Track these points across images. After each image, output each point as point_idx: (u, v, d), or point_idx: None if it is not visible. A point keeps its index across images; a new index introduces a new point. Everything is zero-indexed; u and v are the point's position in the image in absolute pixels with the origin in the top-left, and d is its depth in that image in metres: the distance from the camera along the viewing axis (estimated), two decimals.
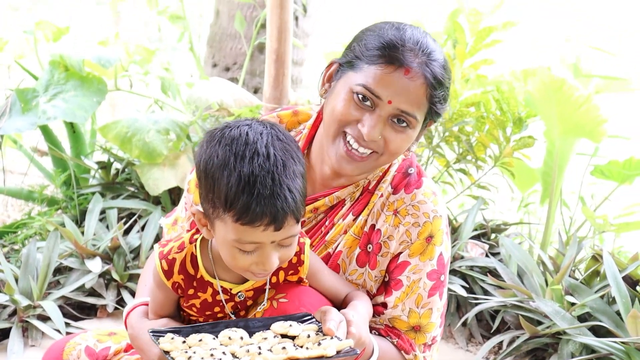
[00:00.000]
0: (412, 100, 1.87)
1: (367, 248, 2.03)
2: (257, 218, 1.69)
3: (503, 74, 3.61)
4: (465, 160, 3.72)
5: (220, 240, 1.78)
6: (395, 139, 1.90)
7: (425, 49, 1.89)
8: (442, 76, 1.90)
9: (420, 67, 1.86)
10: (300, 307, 1.84)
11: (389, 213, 2.02)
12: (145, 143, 3.64)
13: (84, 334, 2.15)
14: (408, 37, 1.88)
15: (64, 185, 3.96)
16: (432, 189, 2.04)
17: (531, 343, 3.04)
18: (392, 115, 1.88)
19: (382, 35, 1.89)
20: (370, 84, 1.86)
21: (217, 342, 1.72)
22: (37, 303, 3.13)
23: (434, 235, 2.00)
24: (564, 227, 3.68)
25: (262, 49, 4.44)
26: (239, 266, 1.79)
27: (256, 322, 1.79)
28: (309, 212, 2.05)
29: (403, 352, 2.00)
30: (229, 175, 1.70)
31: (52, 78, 3.79)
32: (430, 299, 2.00)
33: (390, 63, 1.86)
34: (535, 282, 3.18)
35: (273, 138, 1.76)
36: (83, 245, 3.36)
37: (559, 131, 3.42)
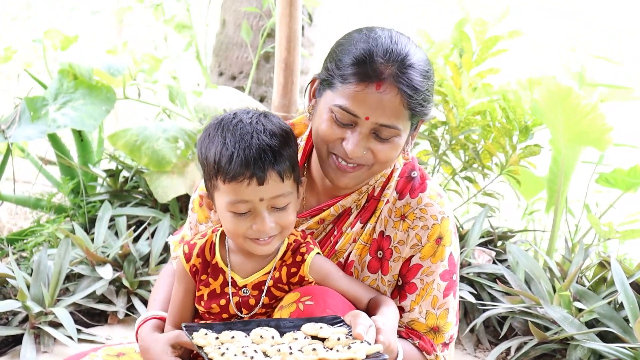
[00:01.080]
0: (389, 113, 1.87)
1: (378, 254, 2.06)
2: (239, 173, 1.84)
3: (509, 82, 3.66)
4: (471, 168, 3.76)
5: (220, 210, 1.92)
6: (383, 149, 1.92)
7: (396, 56, 1.87)
8: (418, 81, 1.88)
9: (391, 78, 1.85)
10: (326, 309, 1.88)
11: (396, 219, 2.05)
12: (154, 151, 3.69)
13: (94, 353, 2.18)
14: (377, 47, 1.87)
15: (72, 193, 4.00)
16: (436, 191, 2.07)
17: (539, 349, 3.07)
18: (373, 129, 1.89)
19: (351, 51, 1.88)
20: (345, 104, 1.87)
21: (248, 340, 1.76)
22: (48, 310, 3.16)
23: (443, 237, 2.03)
24: (569, 234, 3.72)
25: (268, 58, 4.49)
26: (238, 232, 1.90)
27: (287, 322, 1.84)
28: (315, 223, 2.09)
29: (425, 353, 2.04)
30: (217, 143, 1.87)
31: (61, 86, 3.83)
32: (445, 299, 2.05)
33: (361, 80, 1.85)
34: (542, 288, 3.22)
35: (260, 115, 1.94)
36: (93, 252, 3.39)
37: (565, 139, 3.47)
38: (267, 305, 2.00)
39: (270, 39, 4.33)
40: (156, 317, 2.14)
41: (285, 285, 1.98)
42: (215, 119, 1.95)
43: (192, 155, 3.82)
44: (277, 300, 1.99)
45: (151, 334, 2.08)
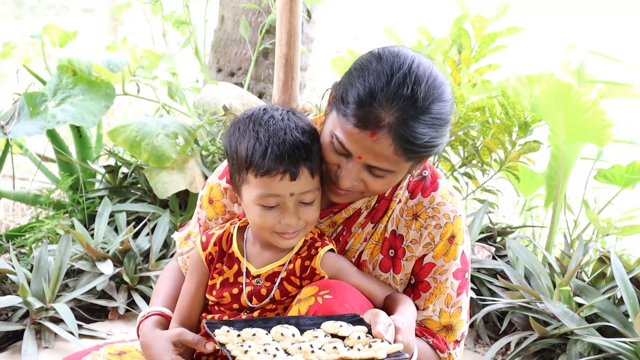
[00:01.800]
0: (381, 159, 1.83)
1: (389, 253, 2.06)
2: (273, 167, 1.86)
3: (508, 78, 3.68)
4: (470, 165, 3.77)
5: (248, 203, 1.95)
6: (375, 183, 1.90)
7: (402, 103, 1.77)
8: (420, 132, 1.78)
9: (387, 128, 1.77)
10: (344, 304, 1.88)
11: (408, 218, 2.05)
12: (154, 147, 3.68)
13: (96, 351, 2.18)
14: (384, 88, 1.78)
15: (71, 190, 4.00)
16: (448, 190, 2.08)
17: (539, 344, 3.08)
18: (366, 165, 1.87)
19: (358, 86, 1.80)
20: (341, 138, 1.85)
21: (269, 337, 1.77)
22: (49, 305, 3.16)
23: (455, 235, 2.04)
24: (568, 230, 3.74)
25: (267, 54, 4.49)
26: (265, 226, 1.93)
27: (307, 320, 1.84)
28: (327, 226, 2.09)
29: (438, 351, 2.04)
30: (249, 137, 1.90)
31: (60, 82, 3.82)
32: (458, 298, 2.06)
33: (357, 123, 1.79)
34: (542, 283, 3.24)
35: (289, 112, 1.97)
36: (93, 247, 3.39)
37: (564, 135, 3.49)
38: (277, 301, 2.01)
39: (269, 36, 4.34)
40: (158, 314, 2.14)
41: (297, 278, 1.99)
42: (243, 114, 1.97)
43: (192, 151, 3.82)
44: (287, 297, 2.00)
45: (153, 331, 2.08)
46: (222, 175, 2.17)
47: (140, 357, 2.27)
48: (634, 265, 3.17)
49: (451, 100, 1.88)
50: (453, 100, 1.90)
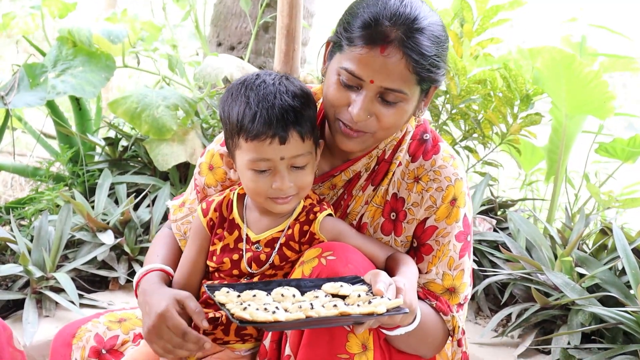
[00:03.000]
0: (394, 77, 1.85)
1: (391, 216, 2.06)
2: (262, 131, 1.87)
3: (510, 51, 3.65)
4: (471, 138, 3.76)
5: (241, 168, 1.95)
6: (387, 114, 1.90)
7: (403, 20, 1.84)
8: (425, 46, 1.85)
9: (397, 41, 1.82)
10: (348, 264, 1.88)
11: (410, 181, 2.05)
12: (154, 119, 3.66)
13: (96, 319, 2.18)
14: (385, 10, 1.84)
15: (70, 162, 3.97)
16: (449, 153, 2.07)
17: (540, 315, 3.08)
18: (378, 93, 1.88)
19: (359, 14, 1.86)
20: (350, 67, 1.85)
21: (270, 298, 1.77)
22: (50, 275, 3.14)
23: (457, 198, 2.03)
24: (569, 203, 3.73)
25: (267, 28, 4.47)
26: (259, 191, 1.93)
27: (307, 282, 1.84)
28: (327, 189, 2.09)
29: (442, 314, 2.03)
30: (240, 102, 1.91)
31: (60, 54, 3.79)
32: (461, 260, 2.05)
33: (367, 43, 1.83)
34: (544, 255, 3.23)
35: (282, 77, 1.96)
36: (94, 218, 3.37)
37: (566, 108, 3.47)
38: (276, 267, 2.00)
39: (269, 9, 4.31)
40: (161, 270, 2.10)
41: (296, 243, 1.99)
42: (237, 80, 1.98)
43: (192, 124, 3.80)
44: (287, 262, 1.99)
45: (158, 284, 2.03)
46: (223, 143, 2.16)
47: (140, 324, 2.27)
48: (636, 236, 3.16)
49: (444, 26, 1.94)
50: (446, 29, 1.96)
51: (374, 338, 1.90)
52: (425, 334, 1.99)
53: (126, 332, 2.19)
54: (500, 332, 3.12)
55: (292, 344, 1.91)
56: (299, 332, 1.90)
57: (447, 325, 2.05)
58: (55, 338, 2.19)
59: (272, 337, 1.98)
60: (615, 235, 3.04)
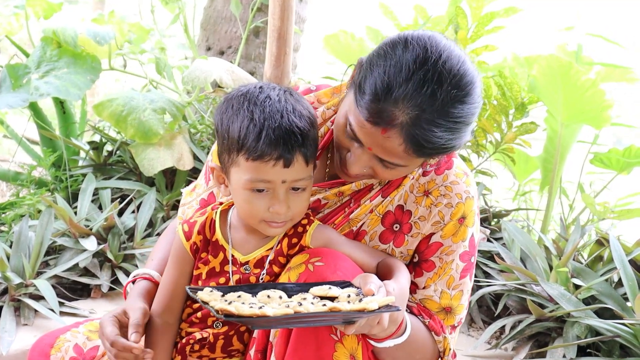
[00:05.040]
0: (392, 155, 1.75)
1: (394, 227, 1.98)
2: (266, 152, 1.74)
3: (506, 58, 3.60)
4: (464, 146, 3.70)
5: (236, 187, 1.83)
6: (384, 173, 1.83)
7: (417, 104, 1.65)
8: (434, 137, 1.66)
9: (401, 127, 1.67)
10: (336, 271, 1.80)
11: (419, 194, 1.97)
12: (141, 122, 3.57)
13: (76, 329, 2.11)
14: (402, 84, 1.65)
15: (53, 167, 3.88)
16: (463, 169, 1.99)
17: (535, 327, 3.02)
18: (377, 156, 1.79)
19: (377, 76, 1.69)
20: (354, 127, 1.76)
21: (255, 299, 1.68)
22: (29, 282, 3.05)
23: (466, 217, 1.96)
24: (563, 214, 3.68)
25: (258, 32, 4.40)
26: (253, 213, 1.82)
27: (294, 287, 1.75)
28: (333, 195, 2.00)
29: (434, 334, 1.96)
30: (243, 117, 1.78)
31: (44, 54, 3.71)
32: (461, 281, 1.98)
33: (370, 117, 1.69)
34: (539, 266, 3.17)
35: (286, 93, 1.84)
36: (77, 223, 3.28)
37: (562, 117, 3.42)
38: None
39: (260, 14, 4.25)
40: (146, 277, 2.02)
41: (285, 257, 1.90)
42: (237, 91, 1.85)
43: (180, 128, 3.72)
44: (276, 278, 1.90)
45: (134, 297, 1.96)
46: None
47: None
48: (633, 247, 3.11)
49: (477, 101, 1.74)
50: (481, 100, 1.77)
51: (362, 349, 1.82)
52: (414, 350, 1.91)
53: None
54: (494, 345, 3.06)
55: (278, 354, 1.83)
56: (285, 341, 1.82)
57: (438, 345, 1.98)
58: (32, 348, 2.10)
59: (257, 347, 1.90)
60: (612, 246, 2.99)
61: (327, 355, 1.77)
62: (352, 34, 4.12)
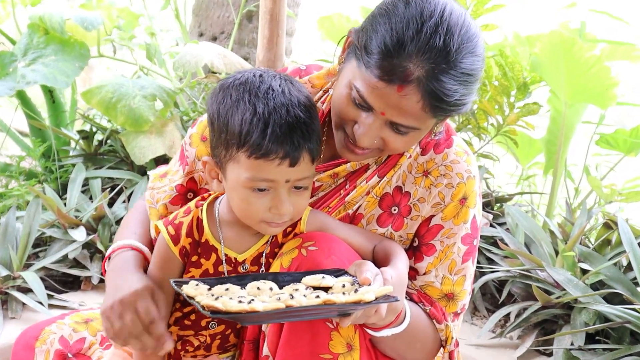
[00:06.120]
0: (407, 115, 1.64)
1: (392, 210, 1.89)
2: (272, 150, 1.62)
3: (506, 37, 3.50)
4: (466, 129, 3.60)
5: (233, 184, 1.69)
6: (396, 140, 1.72)
7: (433, 55, 1.59)
8: (451, 89, 1.61)
9: (417, 81, 1.59)
10: (331, 255, 1.71)
11: (418, 175, 1.88)
12: (131, 109, 3.48)
13: (62, 320, 2.04)
14: (414, 37, 1.58)
15: (43, 158, 3.79)
16: (463, 148, 1.91)
17: (541, 314, 2.93)
18: (388, 121, 1.69)
19: (383, 34, 1.61)
20: (362, 91, 1.66)
21: (244, 292, 1.58)
22: (17, 274, 2.97)
23: (467, 197, 1.87)
24: (568, 198, 3.58)
25: (251, 17, 4.31)
26: (253, 213, 1.69)
27: (285, 276, 1.66)
28: (328, 177, 1.91)
29: (435, 322, 1.87)
30: (244, 110, 1.64)
31: (31, 42, 3.62)
32: (463, 265, 1.89)
33: (383, 76, 1.61)
34: (544, 251, 3.08)
35: (286, 81, 1.72)
36: (65, 214, 3.19)
37: (566, 96, 3.32)
38: None
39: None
40: (137, 249, 1.87)
41: (279, 247, 1.80)
42: (233, 79, 1.71)
43: (172, 115, 3.63)
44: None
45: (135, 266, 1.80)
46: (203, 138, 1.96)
47: None
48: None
49: (483, 54, 1.69)
50: (485, 54, 1.71)
51: (359, 337, 1.74)
52: (414, 340, 1.83)
53: (93, 334, 2.04)
54: (499, 333, 2.97)
55: (271, 343, 1.75)
56: (278, 331, 1.74)
57: (440, 334, 1.89)
58: (17, 341, 2.05)
59: (248, 337, 1.81)
60: (621, 229, 2.89)
61: (323, 344, 1.70)
62: (347, 17, 4.02)
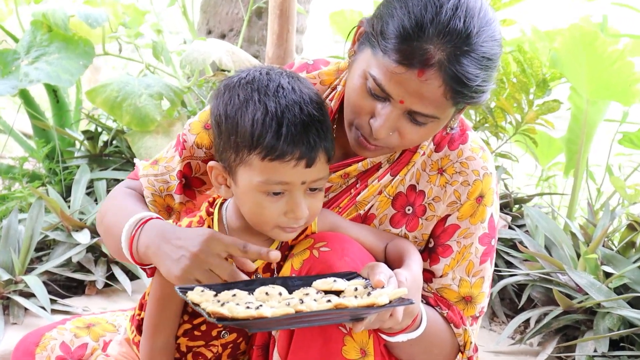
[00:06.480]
0: (428, 102, 1.60)
1: (406, 210, 1.84)
2: (288, 151, 1.57)
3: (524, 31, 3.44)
4: (483, 128, 3.55)
5: (245, 190, 1.64)
6: (412, 132, 1.67)
7: (453, 38, 1.55)
8: (472, 72, 1.58)
9: (438, 65, 1.55)
10: (344, 257, 1.66)
11: (432, 173, 1.83)
12: (136, 108, 3.45)
13: (62, 326, 2.02)
14: (433, 20, 1.55)
15: (47, 159, 3.76)
16: (479, 144, 1.85)
17: (562, 320, 2.87)
18: (407, 111, 1.64)
19: (400, 17, 1.57)
20: (379, 79, 1.61)
21: (252, 297, 1.52)
22: (19, 278, 2.94)
23: (484, 195, 1.81)
24: (590, 199, 3.51)
25: (261, 14, 4.28)
26: (267, 219, 1.64)
27: (295, 281, 1.61)
28: (338, 177, 1.85)
29: (452, 326, 1.82)
30: (254, 110, 1.59)
31: (34, 39, 3.59)
32: (482, 266, 1.83)
33: (402, 61, 1.56)
34: (565, 253, 3.03)
35: (294, 78, 1.67)
36: (69, 216, 3.16)
37: (587, 93, 3.26)
38: None
39: None
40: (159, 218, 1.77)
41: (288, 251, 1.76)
42: (239, 77, 1.66)
43: (179, 115, 3.59)
44: None
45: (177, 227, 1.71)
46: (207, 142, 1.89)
47: (111, 329, 2.07)
48: None
49: (501, 40, 1.65)
50: (502, 40, 1.66)
51: (374, 342, 1.69)
52: (430, 345, 1.78)
53: (96, 339, 2.00)
54: (518, 339, 2.92)
55: (281, 349, 1.71)
56: (289, 336, 1.69)
57: (458, 339, 1.84)
58: (17, 347, 2.02)
59: (257, 342, 1.76)
60: None
61: (336, 350, 1.65)
62: (359, 12, 3.98)
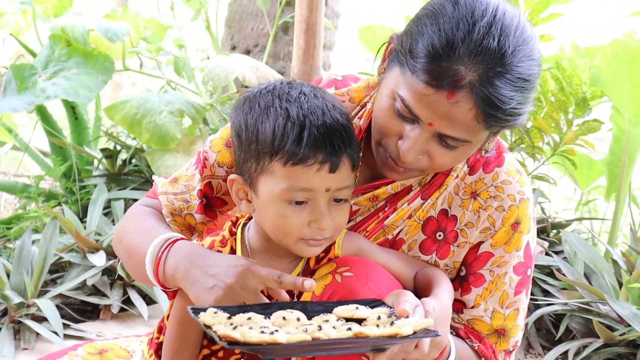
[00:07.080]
0: (458, 127, 1.57)
1: (437, 236, 1.80)
2: (311, 155, 1.56)
3: (563, 48, 3.40)
4: (519, 149, 3.50)
5: (267, 200, 1.63)
6: (443, 156, 1.64)
7: (486, 58, 1.52)
8: (506, 95, 1.53)
9: (469, 87, 1.52)
10: (368, 283, 1.62)
11: (465, 197, 1.79)
12: (156, 126, 3.45)
13: (74, 351, 1.97)
14: (465, 38, 1.52)
15: (64, 178, 3.77)
16: (515, 167, 1.81)
17: (603, 353, 2.83)
18: (436, 134, 1.61)
19: (431, 35, 1.55)
20: (408, 100, 1.58)
21: (268, 322, 1.49)
22: (31, 301, 2.93)
23: (520, 222, 1.77)
24: (633, 224, 3.45)
25: (287, 29, 4.28)
26: (290, 230, 1.62)
27: (315, 306, 1.57)
28: (366, 200, 1.82)
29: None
30: (276, 116, 1.59)
31: (52, 54, 3.61)
32: (516, 297, 1.79)
33: (431, 82, 1.54)
34: (606, 282, 2.98)
35: (319, 90, 1.67)
36: (85, 237, 3.15)
37: (630, 113, 3.23)
38: None
39: (289, 8, 4.11)
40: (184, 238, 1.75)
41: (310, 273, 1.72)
42: (259, 88, 1.67)
43: (200, 132, 3.58)
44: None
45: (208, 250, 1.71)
46: None
47: (124, 354, 2.03)
48: None
49: (540, 59, 1.60)
50: (541, 60, 1.62)
51: None
52: None
53: None
54: None
55: None
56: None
57: None
58: None
59: None
60: None
61: None
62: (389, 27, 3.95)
